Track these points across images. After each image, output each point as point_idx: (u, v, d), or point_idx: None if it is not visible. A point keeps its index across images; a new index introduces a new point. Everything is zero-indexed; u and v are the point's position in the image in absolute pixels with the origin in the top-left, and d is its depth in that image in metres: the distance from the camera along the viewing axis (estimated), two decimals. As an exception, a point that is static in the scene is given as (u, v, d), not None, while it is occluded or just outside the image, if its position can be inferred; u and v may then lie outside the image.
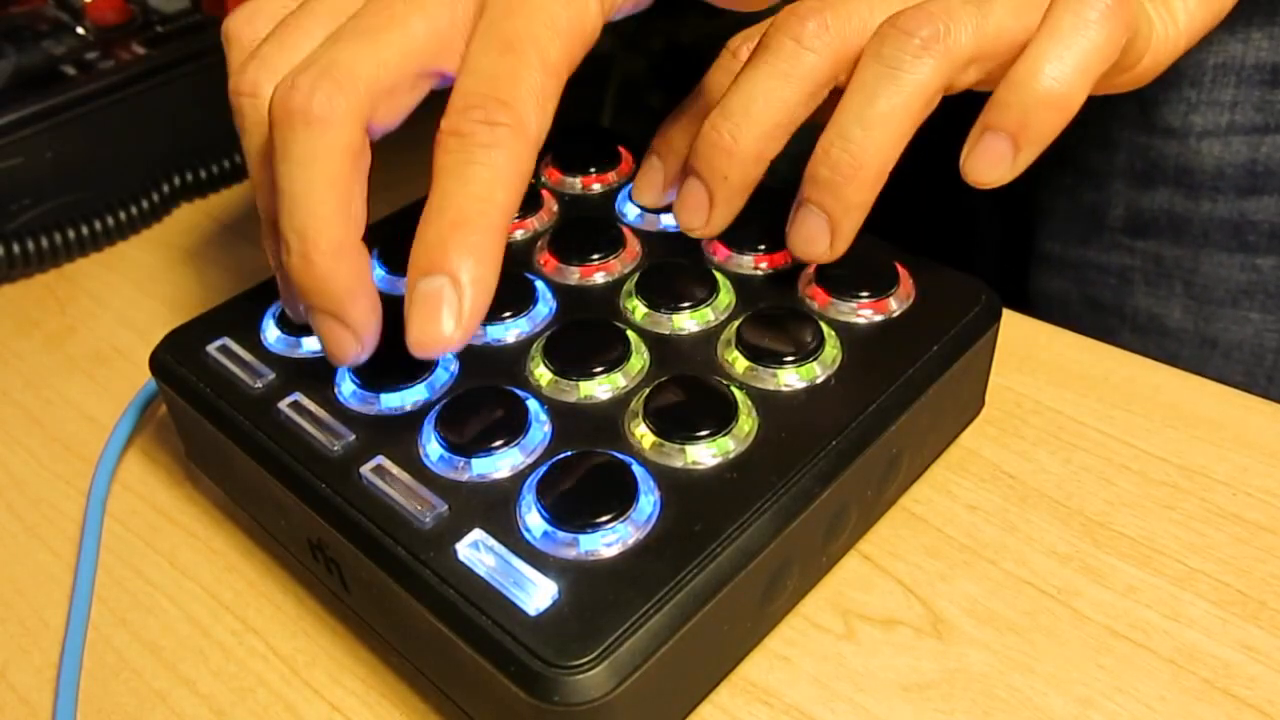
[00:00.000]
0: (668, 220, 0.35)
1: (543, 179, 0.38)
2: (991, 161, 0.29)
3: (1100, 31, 0.28)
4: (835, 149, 0.29)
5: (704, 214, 0.32)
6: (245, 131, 0.29)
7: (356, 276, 0.27)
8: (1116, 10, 0.29)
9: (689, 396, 0.29)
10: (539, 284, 0.33)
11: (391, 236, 0.34)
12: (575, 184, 0.38)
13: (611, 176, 0.38)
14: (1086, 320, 0.51)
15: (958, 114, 0.31)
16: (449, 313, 0.26)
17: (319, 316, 0.27)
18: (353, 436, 0.29)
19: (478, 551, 0.26)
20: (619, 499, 0.26)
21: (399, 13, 0.27)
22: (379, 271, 0.34)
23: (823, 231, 0.30)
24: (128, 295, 0.44)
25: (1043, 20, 0.29)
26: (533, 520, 0.26)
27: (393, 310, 0.33)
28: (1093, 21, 0.28)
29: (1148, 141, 0.46)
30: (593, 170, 0.38)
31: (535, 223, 0.36)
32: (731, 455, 0.27)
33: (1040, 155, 0.29)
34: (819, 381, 0.30)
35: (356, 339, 0.28)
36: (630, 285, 0.33)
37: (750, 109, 0.30)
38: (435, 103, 0.27)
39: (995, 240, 0.60)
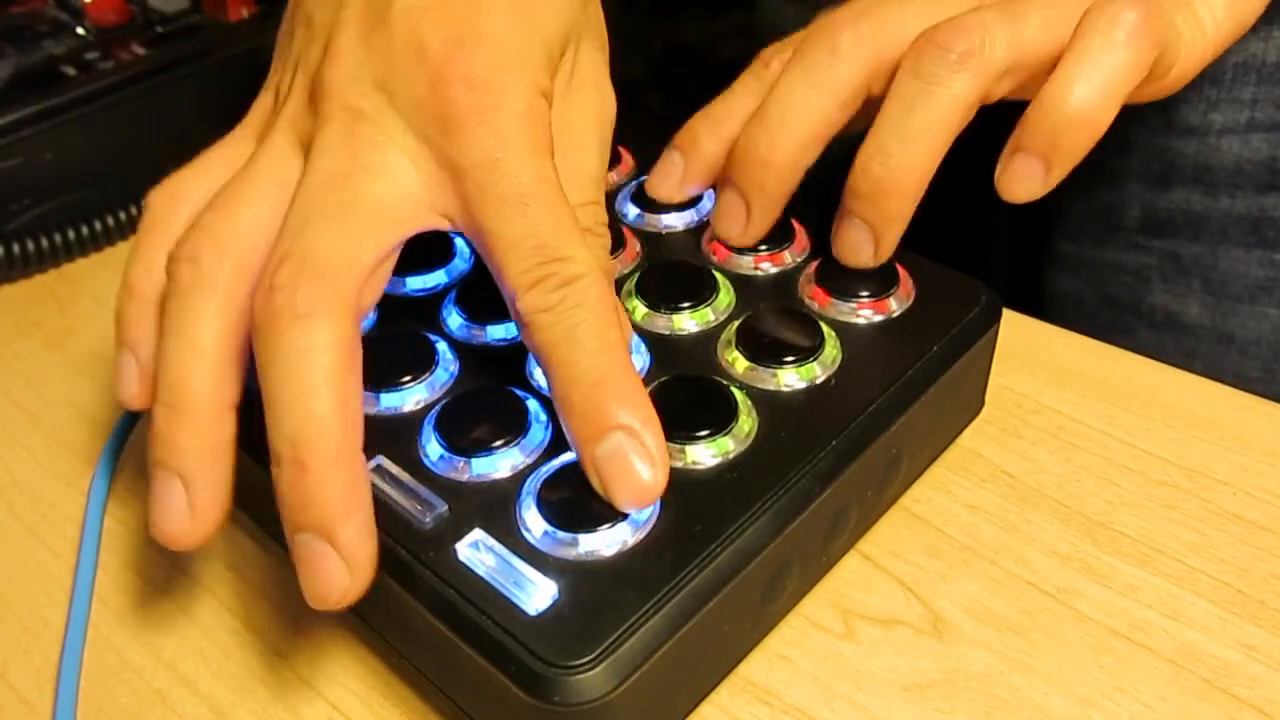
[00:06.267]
0: (669, 220, 0.35)
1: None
2: (1025, 180, 0.30)
3: (1128, 52, 0.28)
4: (875, 164, 0.30)
5: (742, 224, 0.33)
6: (175, 294, 0.26)
7: (353, 490, 0.24)
8: (1144, 29, 0.29)
9: (689, 396, 0.29)
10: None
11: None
12: (575, 184, 0.38)
13: (612, 177, 0.38)
14: (1102, 318, 0.51)
15: (976, 119, 0.31)
16: (640, 462, 0.25)
17: (301, 538, 0.24)
18: (353, 436, 0.29)
19: (478, 551, 0.26)
20: (619, 499, 0.26)
21: (361, 185, 0.26)
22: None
23: (867, 241, 0.31)
24: (128, 295, 0.44)
25: (1072, 39, 0.29)
26: (533, 520, 0.26)
27: (392, 307, 0.33)
28: (1120, 43, 0.28)
29: (1165, 143, 0.46)
30: (593, 170, 0.38)
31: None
32: (731, 455, 0.27)
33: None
34: (819, 381, 0.30)
35: (346, 567, 0.24)
36: (630, 285, 0.33)
37: (786, 119, 0.30)
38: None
39: (1010, 240, 0.60)
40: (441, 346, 0.31)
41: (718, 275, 0.33)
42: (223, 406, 0.26)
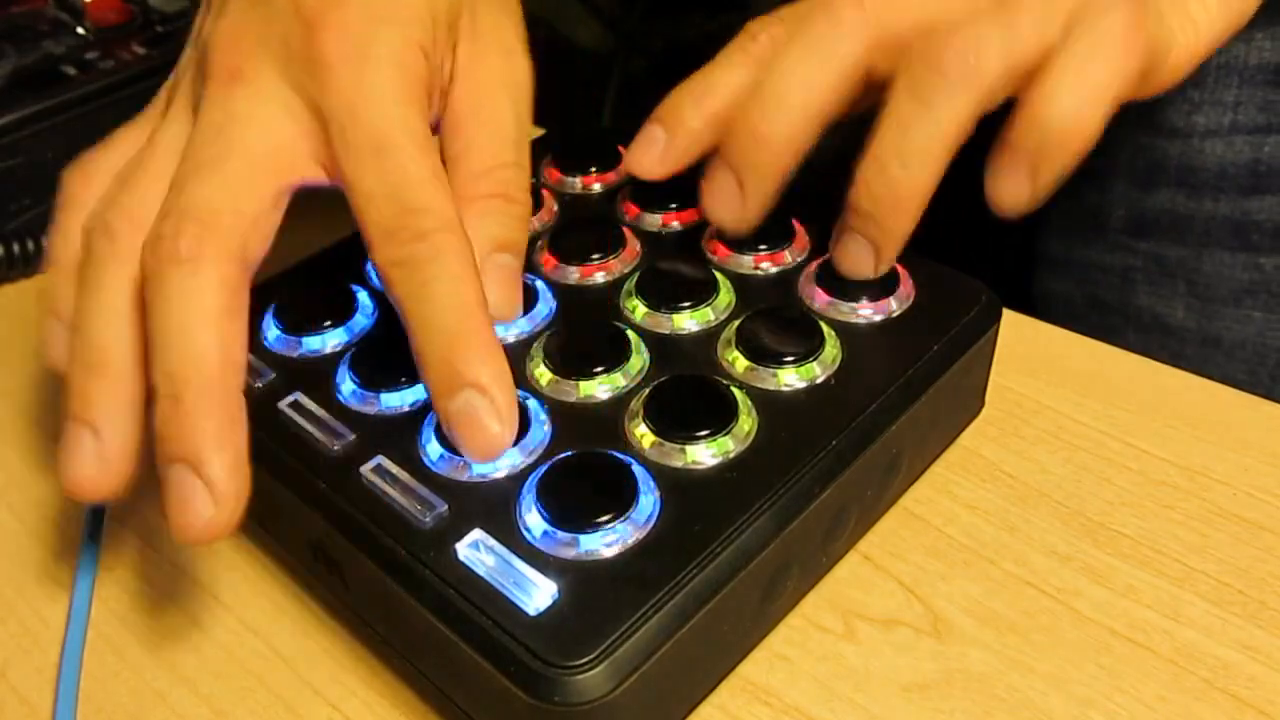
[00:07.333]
0: (669, 220, 0.35)
1: (543, 179, 0.38)
2: (1013, 193, 0.30)
3: (1116, 62, 0.28)
4: (876, 184, 0.29)
5: (736, 205, 0.31)
6: (89, 264, 0.27)
7: (228, 426, 0.25)
8: (1132, 37, 0.28)
9: (689, 396, 0.29)
10: (539, 284, 0.33)
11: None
12: (575, 184, 0.38)
13: (611, 176, 0.38)
14: (1090, 320, 0.51)
15: None
16: (489, 417, 0.26)
17: (172, 470, 0.24)
18: (353, 436, 0.29)
19: (478, 551, 0.26)
20: (619, 499, 0.26)
21: (235, 136, 0.27)
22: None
23: (868, 256, 0.31)
24: (128, 295, 0.44)
25: (1060, 46, 0.28)
26: (532, 520, 0.26)
27: (391, 309, 0.33)
28: (1108, 51, 0.28)
29: (1150, 142, 0.46)
30: (593, 170, 0.38)
31: (536, 222, 0.36)
32: (731, 455, 0.27)
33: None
34: (819, 381, 0.30)
35: (212, 498, 0.24)
36: (630, 285, 0.33)
37: (785, 96, 0.30)
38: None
39: (999, 241, 0.60)
40: (441, 346, 0.31)
41: (718, 275, 0.33)
42: (135, 364, 0.27)
